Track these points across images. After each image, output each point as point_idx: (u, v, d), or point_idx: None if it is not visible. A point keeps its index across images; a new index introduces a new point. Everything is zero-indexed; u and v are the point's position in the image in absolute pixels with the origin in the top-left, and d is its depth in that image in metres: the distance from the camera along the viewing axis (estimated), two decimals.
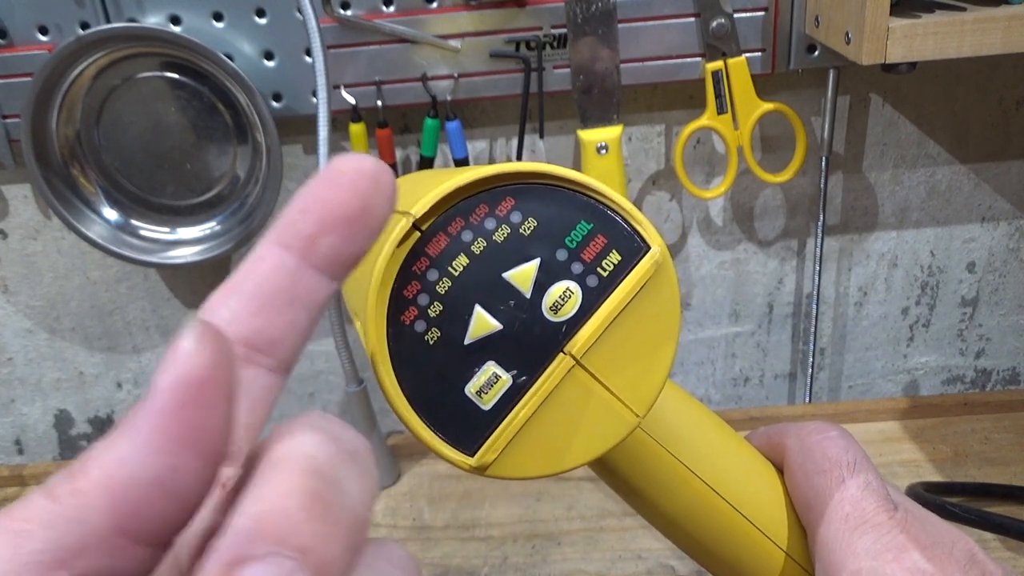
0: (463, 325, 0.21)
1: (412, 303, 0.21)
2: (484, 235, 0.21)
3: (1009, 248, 0.77)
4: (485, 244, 0.21)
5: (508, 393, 0.21)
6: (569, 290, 0.21)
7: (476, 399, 0.21)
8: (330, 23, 0.63)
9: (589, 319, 0.21)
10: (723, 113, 0.66)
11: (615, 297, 0.22)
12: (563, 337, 0.21)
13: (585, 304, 0.21)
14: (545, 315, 0.21)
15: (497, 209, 0.21)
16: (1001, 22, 0.52)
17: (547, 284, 0.21)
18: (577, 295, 0.21)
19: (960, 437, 0.72)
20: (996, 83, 0.70)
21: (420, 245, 0.21)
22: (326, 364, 0.80)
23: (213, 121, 0.67)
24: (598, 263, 0.22)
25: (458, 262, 0.21)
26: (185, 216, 0.71)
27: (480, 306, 0.21)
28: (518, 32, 0.64)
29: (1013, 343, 0.81)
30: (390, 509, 0.71)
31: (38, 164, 0.66)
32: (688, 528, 0.28)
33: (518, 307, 0.21)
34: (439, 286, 0.21)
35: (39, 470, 0.79)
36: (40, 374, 0.81)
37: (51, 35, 0.64)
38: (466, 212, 0.21)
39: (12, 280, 0.77)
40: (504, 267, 0.21)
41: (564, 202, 0.22)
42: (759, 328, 0.79)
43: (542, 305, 0.21)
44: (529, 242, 0.21)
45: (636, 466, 0.27)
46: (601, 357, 0.22)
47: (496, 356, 0.21)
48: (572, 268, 0.21)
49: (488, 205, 0.21)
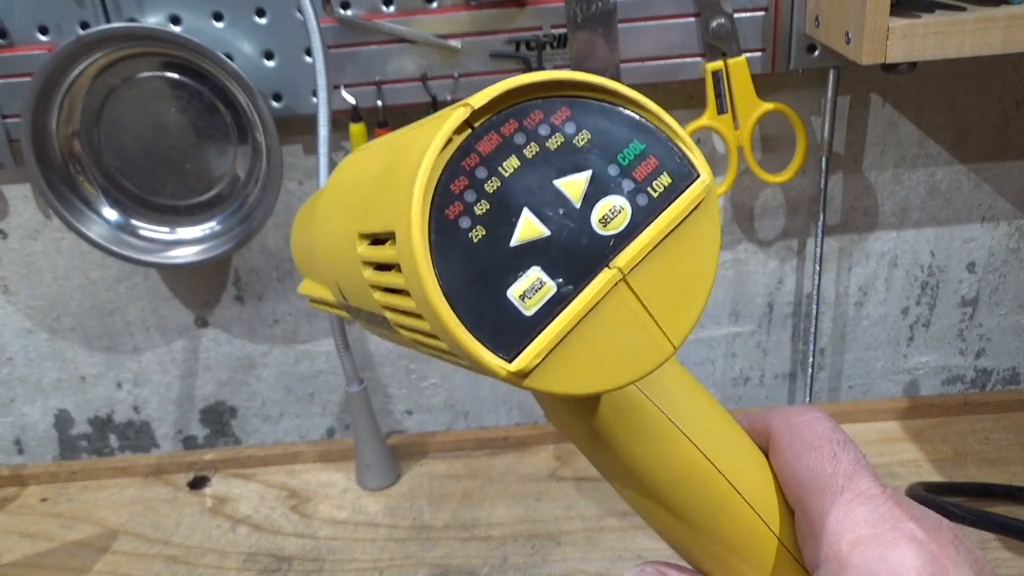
0: (510, 227, 0.20)
1: (458, 198, 0.20)
2: (537, 140, 0.21)
3: (1009, 248, 0.77)
4: (538, 149, 0.21)
5: (552, 301, 0.21)
6: (619, 206, 0.21)
7: (519, 304, 0.20)
8: (330, 23, 0.63)
9: (637, 236, 0.21)
10: (723, 113, 0.66)
11: (664, 218, 0.21)
12: (610, 251, 0.21)
13: (633, 222, 0.21)
14: (594, 227, 0.21)
15: (552, 117, 0.21)
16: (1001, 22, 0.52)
17: (597, 197, 0.21)
18: (626, 212, 0.21)
19: (960, 437, 0.72)
20: (996, 83, 0.70)
21: (471, 141, 0.20)
22: (326, 364, 0.80)
23: (213, 121, 0.67)
24: (648, 183, 0.22)
25: (509, 163, 0.21)
26: (185, 216, 0.71)
27: (529, 210, 0.21)
28: (518, 32, 0.64)
29: (1013, 343, 0.81)
30: (390, 509, 0.71)
31: (38, 164, 0.66)
32: (677, 500, 0.27)
33: (567, 215, 0.21)
34: (487, 184, 0.20)
35: (39, 470, 0.79)
36: (40, 374, 0.81)
37: (51, 35, 0.64)
38: (520, 115, 0.21)
39: (12, 280, 0.77)
40: (555, 174, 0.21)
41: (618, 119, 0.22)
42: (759, 328, 0.79)
43: (591, 217, 0.21)
44: (582, 154, 0.21)
45: (632, 429, 0.27)
46: (645, 277, 0.21)
47: (542, 262, 0.21)
48: (623, 185, 0.21)
49: (543, 112, 0.21)
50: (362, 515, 0.70)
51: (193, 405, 0.83)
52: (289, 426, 0.84)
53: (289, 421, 0.84)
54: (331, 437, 0.85)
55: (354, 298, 0.27)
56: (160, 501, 0.75)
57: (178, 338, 0.79)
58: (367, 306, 0.26)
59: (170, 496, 0.75)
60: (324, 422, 0.84)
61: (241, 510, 0.72)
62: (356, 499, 0.72)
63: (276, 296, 0.77)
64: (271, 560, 0.66)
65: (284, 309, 0.78)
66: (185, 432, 0.84)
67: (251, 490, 0.75)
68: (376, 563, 0.64)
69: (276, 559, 0.66)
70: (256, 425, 0.84)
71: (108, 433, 0.84)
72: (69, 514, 0.74)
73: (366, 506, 0.71)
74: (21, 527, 0.73)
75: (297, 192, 0.73)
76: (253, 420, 0.84)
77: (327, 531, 0.69)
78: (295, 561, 0.65)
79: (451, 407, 0.83)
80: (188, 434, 0.84)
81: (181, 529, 0.71)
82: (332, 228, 0.28)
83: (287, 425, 0.84)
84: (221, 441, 0.84)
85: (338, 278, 0.28)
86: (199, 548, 0.68)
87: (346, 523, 0.69)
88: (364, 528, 0.69)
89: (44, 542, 0.70)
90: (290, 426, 0.84)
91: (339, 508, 0.71)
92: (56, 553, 0.69)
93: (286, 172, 0.71)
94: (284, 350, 0.80)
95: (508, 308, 0.20)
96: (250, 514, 0.72)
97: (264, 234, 0.74)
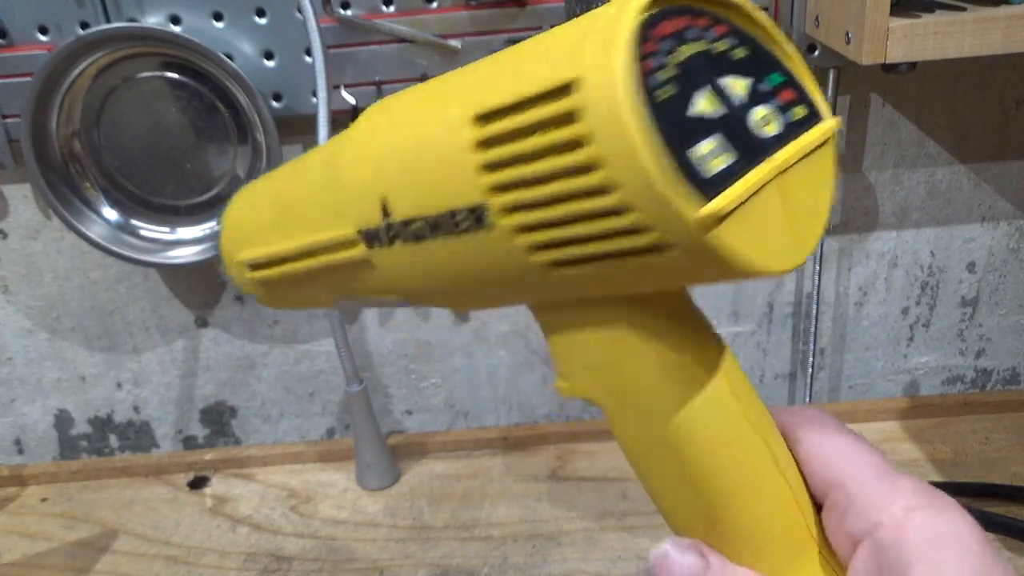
0: (689, 98, 0.21)
1: (649, 57, 0.21)
2: (706, 39, 0.22)
3: (1009, 248, 0.77)
4: (707, 47, 0.22)
5: (727, 169, 0.21)
6: (771, 115, 0.23)
7: (698, 164, 0.21)
8: (330, 23, 0.63)
9: (786, 144, 0.23)
10: None
11: (804, 139, 0.23)
12: (770, 146, 0.23)
13: (781, 133, 0.23)
14: (755, 121, 0.23)
15: (715, 28, 0.23)
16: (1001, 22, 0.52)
17: (756, 101, 0.23)
18: (779, 122, 0.23)
19: (960, 437, 0.72)
20: (996, 83, 0.70)
21: (655, 19, 0.21)
22: (326, 364, 0.80)
23: (213, 121, 0.67)
24: (790, 108, 0.24)
25: (687, 47, 0.22)
26: (185, 216, 0.71)
27: (708, 86, 0.22)
28: (518, 32, 0.64)
29: (1013, 343, 0.81)
30: (390, 509, 0.71)
31: (38, 164, 0.66)
32: (717, 467, 0.27)
33: (734, 106, 0.22)
34: (672, 56, 0.21)
35: (39, 470, 0.79)
36: (40, 374, 0.81)
37: (51, 35, 0.64)
38: (691, 15, 0.22)
39: (12, 280, 0.77)
40: (723, 70, 0.22)
41: (763, 51, 0.24)
42: (759, 328, 0.79)
43: (751, 115, 0.23)
44: (741, 64, 0.23)
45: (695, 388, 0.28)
46: (795, 179, 0.23)
47: (717, 135, 0.22)
48: (773, 100, 0.23)
49: (709, 20, 0.23)
50: (362, 515, 0.70)
51: (193, 405, 0.83)
52: (289, 426, 0.84)
53: (289, 421, 0.84)
54: (331, 437, 0.85)
55: (422, 203, 0.26)
56: (160, 501, 0.75)
57: (178, 338, 0.79)
58: (450, 203, 0.25)
59: (170, 496, 0.75)
60: (324, 422, 0.84)
61: (241, 510, 0.72)
62: (356, 499, 0.72)
63: None
64: (271, 560, 0.66)
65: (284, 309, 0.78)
66: (185, 432, 0.84)
67: (251, 490, 0.75)
68: (376, 563, 0.64)
69: (276, 559, 0.66)
70: (256, 425, 0.84)
71: (108, 433, 0.84)
72: (69, 514, 0.74)
73: (366, 506, 0.71)
74: (21, 527, 0.73)
75: None
76: (253, 420, 0.84)
77: (327, 531, 0.69)
78: (295, 561, 0.65)
79: (451, 407, 0.83)
80: (188, 434, 0.84)
81: (181, 529, 0.71)
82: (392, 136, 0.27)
83: (287, 425, 0.84)
84: (221, 441, 0.84)
85: (387, 189, 0.27)
86: (199, 548, 0.68)
87: (346, 523, 0.69)
88: (364, 528, 0.69)
89: (44, 542, 0.70)
90: (290, 426, 0.84)
91: (339, 508, 0.71)
92: (56, 553, 0.69)
93: None
94: (284, 350, 0.80)
95: (688, 165, 0.21)
96: (250, 514, 0.72)
97: None
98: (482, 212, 0.24)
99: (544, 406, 0.83)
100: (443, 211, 0.25)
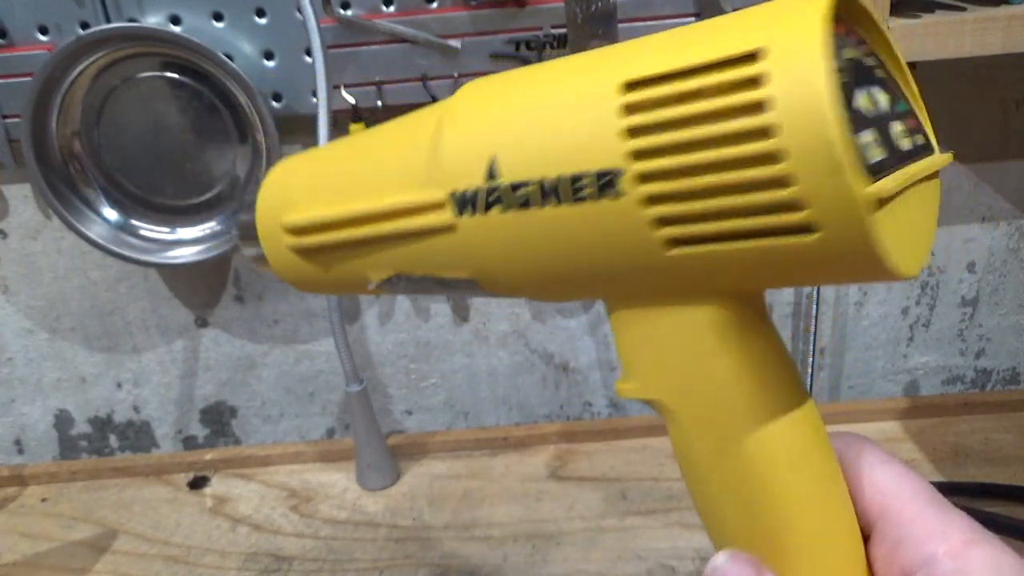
0: (854, 91, 0.22)
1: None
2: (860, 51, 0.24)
3: (1009, 248, 0.77)
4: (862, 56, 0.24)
5: (884, 161, 0.22)
6: (905, 132, 0.24)
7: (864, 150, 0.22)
8: (330, 23, 0.63)
9: (915, 162, 0.24)
10: None
11: (926, 163, 0.24)
12: (906, 157, 0.24)
13: (914, 150, 0.24)
14: (896, 133, 0.24)
15: (864, 44, 0.24)
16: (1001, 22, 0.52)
17: (892, 117, 0.24)
18: (910, 140, 0.24)
19: (960, 437, 0.72)
20: (996, 83, 0.70)
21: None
22: (326, 364, 0.80)
23: (213, 121, 0.67)
24: (913, 133, 0.25)
25: (850, 51, 0.23)
26: (185, 216, 0.71)
27: (868, 87, 0.23)
28: (518, 32, 0.64)
29: (1013, 343, 0.81)
30: (390, 509, 0.71)
31: (38, 164, 0.66)
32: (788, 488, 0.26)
33: (882, 112, 0.23)
34: (843, 53, 0.22)
35: (39, 470, 0.79)
36: (40, 374, 0.81)
37: (51, 35, 0.64)
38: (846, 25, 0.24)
39: (12, 280, 0.77)
40: (872, 83, 0.24)
41: (892, 78, 0.25)
42: None
43: (893, 125, 0.24)
44: (880, 82, 0.24)
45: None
46: (914, 198, 0.24)
47: (875, 130, 0.23)
48: (904, 121, 0.24)
49: (858, 35, 0.24)
50: (362, 515, 0.70)
51: (193, 405, 0.83)
52: (289, 426, 0.84)
53: (289, 421, 0.84)
54: (331, 437, 0.85)
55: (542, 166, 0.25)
56: (160, 501, 0.75)
57: (178, 338, 0.79)
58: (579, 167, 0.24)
59: (170, 496, 0.75)
60: (324, 422, 0.84)
61: (241, 510, 0.72)
62: (356, 499, 0.72)
63: (276, 296, 0.77)
64: (271, 560, 0.66)
65: (284, 309, 0.78)
66: (185, 432, 0.84)
67: (251, 490, 0.75)
68: (376, 563, 0.64)
69: (276, 559, 0.66)
70: (256, 425, 0.84)
71: (108, 433, 0.84)
72: (69, 514, 0.74)
73: (366, 506, 0.71)
74: (21, 527, 0.73)
75: None
76: (253, 420, 0.84)
77: (327, 531, 0.69)
78: (295, 561, 0.65)
79: (451, 407, 0.83)
80: (188, 434, 0.84)
81: (181, 529, 0.71)
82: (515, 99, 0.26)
83: (287, 425, 0.84)
84: (221, 441, 0.84)
85: (500, 151, 0.26)
86: (199, 548, 0.68)
87: (346, 523, 0.69)
88: (364, 528, 0.69)
89: (44, 542, 0.70)
90: (290, 426, 0.84)
91: (339, 508, 0.71)
92: (56, 553, 0.69)
93: None
94: (284, 350, 0.80)
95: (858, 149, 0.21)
96: (250, 514, 0.72)
97: None
98: (614, 178, 0.23)
99: (544, 406, 0.83)
100: (565, 175, 0.24)
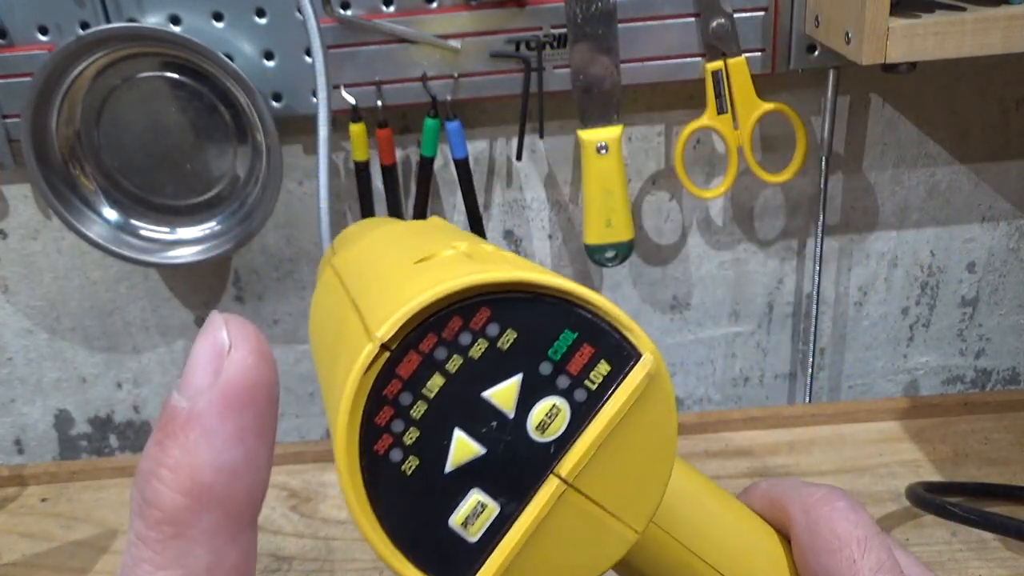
0: (443, 452, 0.19)
1: (385, 430, 0.19)
2: (459, 351, 0.19)
3: (1009, 248, 0.77)
4: (461, 361, 0.19)
5: (496, 522, 0.19)
6: (556, 407, 0.20)
7: (462, 531, 0.19)
8: (330, 23, 0.63)
9: (579, 438, 0.20)
10: (723, 113, 0.66)
11: (606, 411, 0.20)
12: (551, 458, 0.20)
13: (574, 421, 0.20)
14: (531, 435, 0.20)
15: (471, 322, 0.19)
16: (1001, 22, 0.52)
17: (531, 402, 0.20)
18: (565, 412, 0.20)
19: (960, 437, 0.72)
20: (996, 83, 0.70)
21: (390, 366, 0.19)
22: None
23: (213, 121, 0.67)
24: (585, 375, 0.20)
25: (433, 383, 0.19)
26: (185, 216, 0.71)
27: (460, 430, 0.19)
28: (518, 32, 0.64)
29: (1013, 343, 0.81)
30: None
31: (38, 164, 0.66)
32: None
33: (501, 428, 0.19)
34: (414, 410, 0.19)
35: (39, 470, 0.79)
36: (40, 374, 0.81)
37: (51, 35, 0.64)
38: (438, 327, 0.19)
39: (12, 280, 0.77)
40: (483, 385, 0.19)
41: (545, 310, 0.19)
42: (759, 328, 0.79)
43: (527, 425, 0.20)
44: (509, 357, 0.19)
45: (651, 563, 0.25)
46: (594, 476, 0.20)
47: (481, 483, 0.19)
48: (558, 382, 0.20)
49: (462, 318, 0.19)
50: None
51: None
52: (289, 426, 0.84)
53: (289, 421, 0.84)
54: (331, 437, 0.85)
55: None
56: None
57: (178, 338, 0.79)
58: None
59: None
60: (324, 422, 0.84)
61: None
62: None
63: (276, 296, 0.77)
64: (271, 560, 0.66)
65: (284, 309, 0.78)
66: None
67: None
68: (376, 563, 0.64)
69: (276, 559, 0.66)
70: None
71: (108, 433, 0.84)
72: (69, 514, 0.74)
73: None
74: (21, 527, 0.73)
75: (297, 192, 0.73)
76: None
77: (327, 531, 0.69)
78: (295, 561, 0.65)
79: None
80: None
81: None
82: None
83: (287, 425, 0.84)
84: None
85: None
86: None
87: (346, 523, 0.69)
88: None
89: (44, 542, 0.70)
90: (290, 426, 0.84)
91: (339, 508, 0.71)
92: (56, 553, 0.69)
93: (286, 172, 0.71)
94: (284, 350, 0.80)
95: (451, 538, 0.19)
96: None
97: (264, 234, 0.74)
98: None
99: None
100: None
